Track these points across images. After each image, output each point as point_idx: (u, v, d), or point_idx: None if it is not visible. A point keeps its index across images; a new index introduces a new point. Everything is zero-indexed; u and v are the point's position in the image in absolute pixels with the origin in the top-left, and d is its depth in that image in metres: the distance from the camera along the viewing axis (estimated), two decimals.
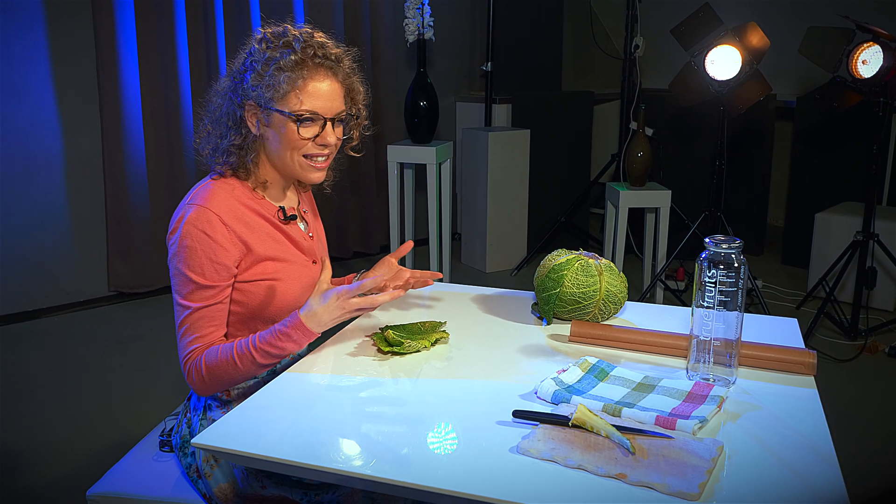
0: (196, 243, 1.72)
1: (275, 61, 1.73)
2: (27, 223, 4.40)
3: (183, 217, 1.75)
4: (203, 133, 1.88)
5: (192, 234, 1.72)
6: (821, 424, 1.44)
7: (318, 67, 1.76)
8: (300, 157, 1.81)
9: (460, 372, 1.68)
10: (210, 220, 1.73)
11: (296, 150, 1.80)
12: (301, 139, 1.77)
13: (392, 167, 4.88)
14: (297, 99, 1.74)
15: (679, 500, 1.19)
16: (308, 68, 1.75)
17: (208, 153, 1.86)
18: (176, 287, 1.76)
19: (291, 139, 1.77)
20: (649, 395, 1.53)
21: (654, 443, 1.35)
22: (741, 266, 1.52)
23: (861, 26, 3.80)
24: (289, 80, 1.73)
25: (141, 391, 3.60)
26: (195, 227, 1.73)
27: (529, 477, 1.26)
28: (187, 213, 1.74)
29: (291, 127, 1.76)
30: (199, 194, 1.78)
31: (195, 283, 1.72)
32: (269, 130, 1.79)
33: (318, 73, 1.76)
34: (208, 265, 1.73)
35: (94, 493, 1.90)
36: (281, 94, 1.73)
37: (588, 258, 1.97)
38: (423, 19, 4.70)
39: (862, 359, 3.95)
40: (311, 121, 1.77)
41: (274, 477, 1.77)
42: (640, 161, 4.56)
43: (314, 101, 1.76)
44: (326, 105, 1.78)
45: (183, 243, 1.73)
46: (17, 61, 4.24)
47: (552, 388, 1.53)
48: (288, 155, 1.80)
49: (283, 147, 1.79)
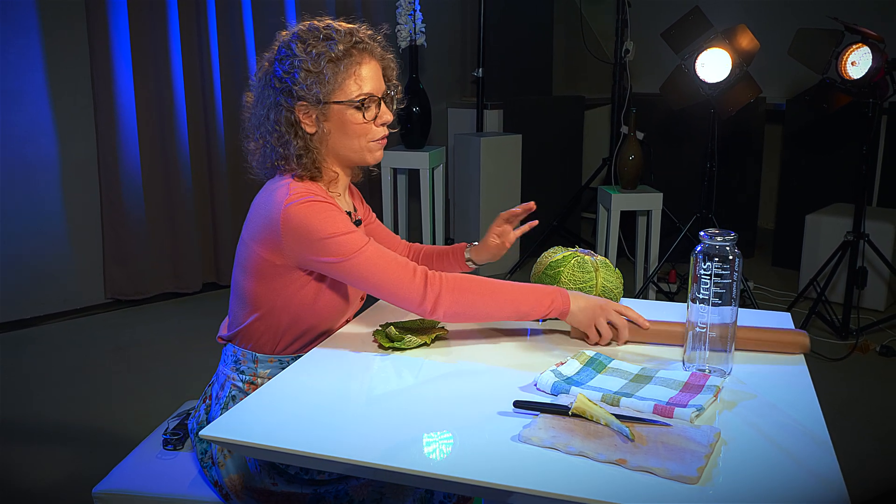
0: (319, 210, 1.72)
1: (324, 55, 1.76)
2: (23, 230, 4.41)
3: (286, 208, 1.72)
4: (256, 152, 1.87)
5: (310, 207, 1.72)
6: (815, 412, 1.47)
7: (362, 52, 1.81)
8: (368, 142, 1.85)
9: (461, 366, 1.71)
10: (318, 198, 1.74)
11: (362, 137, 1.83)
12: (365, 123, 1.81)
13: (385, 172, 4.91)
14: (356, 85, 1.79)
15: (678, 484, 1.21)
16: (355, 54, 1.79)
17: (271, 165, 1.84)
18: (335, 254, 1.71)
19: (356, 126, 1.81)
20: (647, 385, 1.56)
21: (652, 430, 1.37)
22: (736, 259, 1.55)
23: (850, 28, 3.85)
24: (346, 69, 1.77)
25: (140, 394, 3.62)
26: (309, 202, 1.72)
27: (532, 464, 1.28)
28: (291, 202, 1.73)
29: (355, 115, 1.80)
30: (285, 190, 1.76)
31: (346, 234, 1.72)
32: (328, 125, 1.81)
33: (363, 57, 1.81)
34: (341, 219, 1.74)
35: (100, 491, 1.91)
36: (338, 85, 1.77)
37: (584, 255, 2.00)
38: (416, 25, 4.75)
39: (853, 358, 3.98)
40: (370, 103, 1.81)
41: (286, 475, 1.80)
42: (632, 164, 4.60)
43: (368, 84, 1.81)
44: (377, 85, 1.83)
45: (308, 219, 1.71)
46: (12, 69, 4.25)
47: (552, 380, 1.56)
48: (356, 143, 1.83)
49: (350, 136, 1.82)
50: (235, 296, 1.88)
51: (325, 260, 1.72)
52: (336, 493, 1.78)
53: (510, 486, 1.22)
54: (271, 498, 1.80)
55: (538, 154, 5.75)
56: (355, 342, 1.86)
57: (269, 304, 1.81)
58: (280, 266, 1.76)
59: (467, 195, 5.50)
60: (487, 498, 1.32)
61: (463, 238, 5.63)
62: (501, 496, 1.24)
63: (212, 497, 1.86)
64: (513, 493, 1.22)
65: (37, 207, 4.45)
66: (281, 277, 1.78)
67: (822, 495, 1.19)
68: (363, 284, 1.75)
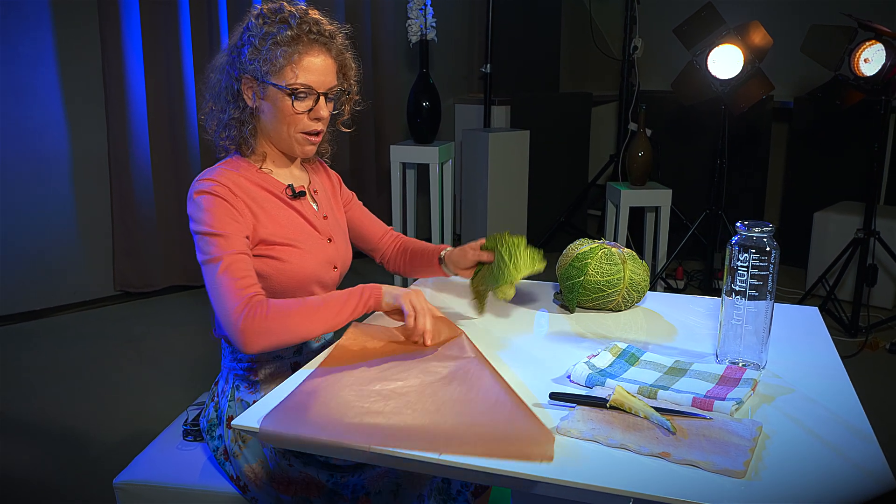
0: (210, 205, 1.74)
1: (272, 36, 1.77)
2: (34, 223, 4.41)
3: (194, 190, 1.78)
4: (206, 109, 1.93)
5: (206, 199, 1.75)
6: (855, 405, 1.46)
7: (312, 43, 1.80)
8: (296, 132, 1.85)
9: (491, 358, 1.69)
10: (219, 191, 1.76)
11: (291, 125, 1.84)
12: (295, 113, 1.81)
13: (395, 167, 4.89)
14: (292, 73, 1.78)
15: (725, 478, 1.20)
16: (303, 43, 1.78)
17: (213, 129, 1.90)
18: (202, 251, 1.74)
19: (286, 113, 1.81)
20: (682, 378, 1.55)
21: (693, 423, 1.36)
22: (773, 251, 1.54)
23: (863, 24, 3.83)
24: (285, 55, 1.76)
25: (154, 386, 3.62)
26: (208, 193, 1.75)
27: (572, 456, 1.27)
28: (199, 187, 1.77)
29: (286, 101, 1.80)
30: (206, 174, 1.81)
31: (218, 236, 1.71)
32: (264, 103, 1.83)
33: (312, 48, 1.80)
34: (226, 220, 1.74)
35: (121, 482, 1.91)
36: (277, 68, 1.77)
37: (611, 247, 1.99)
38: (426, 20, 4.73)
39: (863, 355, 3.98)
40: (306, 95, 1.81)
41: (302, 457, 1.79)
42: (641, 161, 4.59)
43: (308, 76, 1.79)
44: (320, 80, 1.81)
45: (200, 207, 1.74)
46: (24, 63, 4.25)
47: (585, 372, 1.54)
48: (283, 129, 1.84)
49: (279, 121, 1.83)
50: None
51: (197, 253, 1.75)
52: (353, 485, 1.77)
53: (551, 478, 1.21)
54: (290, 486, 1.80)
55: (545, 150, 5.74)
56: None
57: None
58: None
59: (475, 191, 5.48)
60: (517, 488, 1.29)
61: (469, 233, 5.61)
62: (539, 488, 1.23)
63: (229, 487, 1.86)
64: (551, 485, 1.21)
65: (47, 200, 4.45)
66: None
67: (869, 488, 1.18)
68: (208, 290, 1.72)
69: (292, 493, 1.81)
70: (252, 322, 1.62)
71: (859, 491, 1.18)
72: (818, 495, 1.16)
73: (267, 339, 1.64)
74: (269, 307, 1.64)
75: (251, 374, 1.90)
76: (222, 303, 1.66)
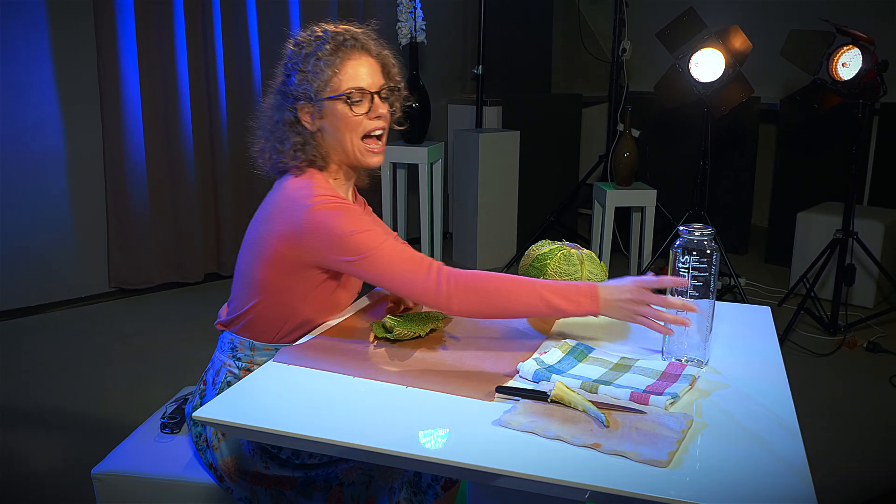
0: (337, 212, 1.78)
1: (313, 55, 1.84)
2: (30, 220, 4.49)
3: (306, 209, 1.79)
4: (262, 151, 1.95)
5: (329, 211, 1.78)
6: (787, 402, 1.53)
7: (351, 49, 1.87)
8: (359, 139, 1.90)
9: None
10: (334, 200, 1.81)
11: (354, 132, 1.88)
12: (355, 117, 1.87)
13: (385, 167, 4.98)
14: (343, 81, 1.85)
15: (649, 468, 1.28)
16: (343, 51, 1.86)
17: (272, 160, 1.93)
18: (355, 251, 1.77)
19: (347, 120, 1.87)
20: (625, 374, 1.63)
21: (627, 416, 1.44)
22: (713, 253, 1.62)
23: (841, 29, 3.90)
24: (330, 66, 1.83)
25: (142, 381, 3.70)
26: (325, 206, 1.79)
27: (510, 446, 1.35)
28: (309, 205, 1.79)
29: (344, 108, 1.86)
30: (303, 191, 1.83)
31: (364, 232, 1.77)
32: (323, 122, 1.88)
33: (353, 53, 1.87)
34: (360, 219, 1.79)
35: (99, 472, 1.99)
36: (326, 82, 1.84)
37: (570, 248, 2.06)
38: (416, 22, 4.81)
39: (841, 354, 4.05)
40: (360, 98, 1.87)
41: (278, 460, 1.87)
42: (627, 161, 4.67)
43: (358, 79, 1.86)
44: (368, 80, 1.88)
45: (328, 218, 1.78)
46: (20, 62, 4.33)
47: (533, 368, 1.63)
48: (348, 139, 1.89)
49: (342, 132, 1.88)
50: (242, 281, 1.93)
51: (344, 259, 1.78)
52: (326, 476, 1.85)
53: (489, 466, 1.29)
54: (263, 480, 1.87)
55: (536, 150, 5.82)
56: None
57: (278, 293, 1.88)
58: (298, 263, 1.83)
59: (466, 190, 5.56)
60: (468, 479, 1.38)
61: (461, 232, 5.70)
62: (482, 477, 1.31)
63: (207, 479, 1.93)
64: (491, 474, 1.29)
65: (43, 198, 4.53)
66: (297, 272, 1.85)
67: (788, 480, 1.25)
68: (380, 280, 1.80)
69: (266, 486, 1.88)
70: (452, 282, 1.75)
71: (776, 482, 1.24)
72: (735, 485, 1.23)
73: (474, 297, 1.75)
74: (462, 272, 1.76)
75: (245, 375, 1.93)
76: (409, 276, 1.76)
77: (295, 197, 1.82)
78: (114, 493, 1.98)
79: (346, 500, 1.84)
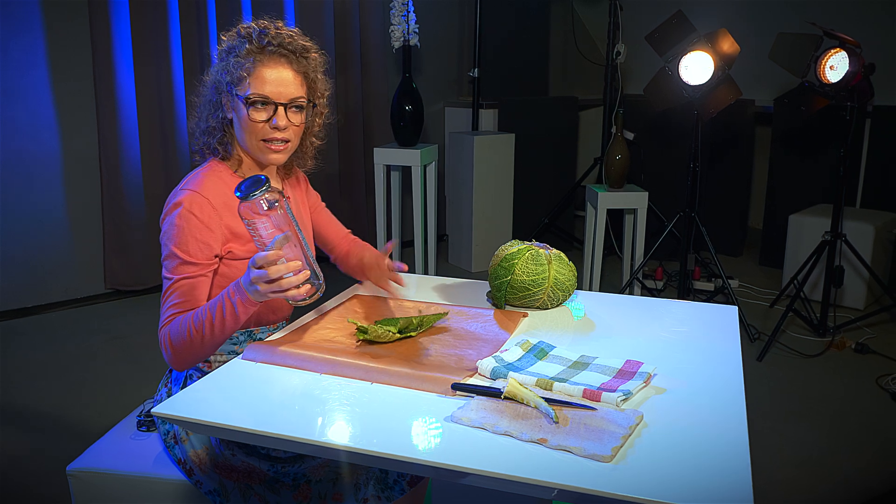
0: (184, 223, 1.87)
1: (234, 50, 1.92)
2: (26, 223, 4.54)
3: (175, 200, 1.90)
4: (194, 119, 2.08)
5: (182, 215, 1.87)
6: (738, 401, 1.54)
7: (271, 56, 1.92)
8: (258, 140, 1.95)
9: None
10: (200, 203, 1.88)
11: (252, 134, 1.95)
12: (252, 122, 1.92)
13: (378, 169, 5.01)
14: (248, 84, 1.90)
15: (593, 462, 1.31)
16: (260, 56, 1.91)
17: (197, 135, 2.05)
18: (164, 263, 1.90)
19: (246, 122, 1.93)
20: (583, 371, 1.66)
21: (578, 413, 1.47)
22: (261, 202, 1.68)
23: (828, 33, 3.92)
24: (242, 67, 1.90)
25: (133, 381, 3.74)
26: (185, 208, 1.87)
27: (461, 442, 1.38)
28: (179, 196, 1.90)
29: (244, 110, 1.92)
30: (191, 180, 1.94)
31: (179, 259, 1.86)
32: (233, 113, 1.97)
33: (270, 60, 1.92)
34: (193, 243, 1.87)
35: (74, 469, 2.02)
36: (237, 80, 1.91)
37: (539, 248, 2.09)
38: (409, 26, 4.84)
39: (829, 354, 4.06)
40: (262, 105, 1.92)
41: (245, 448, 1.91)
42: (619, 164, 4.69)
43: (264, 87, 1.91)
44: (277, 91, 1.92)
45: (173, 223, 1.88)
46: (15, 65, 4.38)
47: (492, 365, 1.65)
48: (247, 137, 1.96)
49: (242, 129, 1.95)
50: None
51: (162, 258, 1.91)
52: (294, 474, 1.88)
53: (438, 462, 1.32)
54: (233, 473, 1.90)
55: (532, 153, 5.85)
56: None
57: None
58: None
59: (461, 192, 5.59)
60: (417, 473, 1.41)
61: (456, 234, 5.73)
62: (427, 472, 1.34)
63: (177, 475, 1.97)
64: (439, 470, 1.32)
65: (39, 200, 4.58)
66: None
67: (726, 478, 1.28)
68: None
69: (235, 479, 1.91)
70: (164, 352, 1.87)
71: (714, 478, 1.27)
72: (675, 482, 1.26)
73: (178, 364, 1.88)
74: (168, 335, 1.85)
75: (205, 366, 2.02)
76: (161, 314, 1.90)
77: (174, 191, 1.94)
78: (87, 490, 2.02)
79: (314, 497, 1.87)
